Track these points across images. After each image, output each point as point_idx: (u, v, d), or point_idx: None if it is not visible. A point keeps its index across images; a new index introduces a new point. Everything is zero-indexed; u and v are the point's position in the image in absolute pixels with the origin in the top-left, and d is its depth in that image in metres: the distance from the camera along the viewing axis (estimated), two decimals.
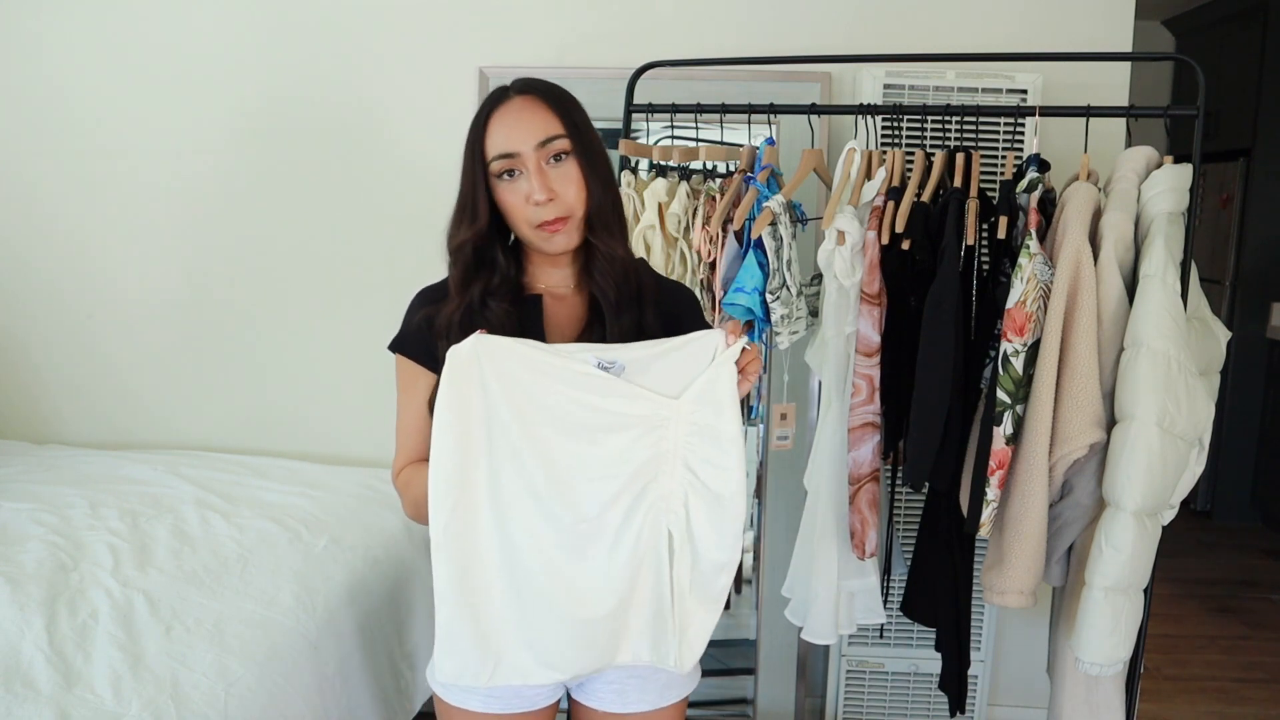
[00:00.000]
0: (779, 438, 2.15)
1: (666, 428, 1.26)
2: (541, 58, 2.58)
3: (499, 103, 1.33)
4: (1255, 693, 3.05)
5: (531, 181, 1.30)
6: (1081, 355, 1.80)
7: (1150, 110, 1.95)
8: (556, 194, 1.31)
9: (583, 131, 1.34)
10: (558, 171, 1.31)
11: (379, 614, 2.00)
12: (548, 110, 1.32)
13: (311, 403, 2.79)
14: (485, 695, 1.40)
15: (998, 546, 1.90)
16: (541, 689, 1.42)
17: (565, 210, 1.32)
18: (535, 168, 1.30)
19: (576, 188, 1.32)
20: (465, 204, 1.34)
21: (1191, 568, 4.07)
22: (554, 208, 1.31)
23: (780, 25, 2.55)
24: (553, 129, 1.31)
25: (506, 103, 1.33)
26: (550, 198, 1.30)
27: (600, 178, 1.35)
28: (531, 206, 1.31)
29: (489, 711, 1.40)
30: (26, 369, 2.88)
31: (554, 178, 1.31)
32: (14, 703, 1.43)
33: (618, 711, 1.45)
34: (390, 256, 2.69)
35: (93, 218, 2.79)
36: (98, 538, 2.01)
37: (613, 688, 1.44)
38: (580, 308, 1.41)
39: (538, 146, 1.30)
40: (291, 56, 2.67)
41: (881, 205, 1.92)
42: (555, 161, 1.31)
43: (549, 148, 1.31)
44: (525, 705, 1.41)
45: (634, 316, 1.37)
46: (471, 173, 1.33)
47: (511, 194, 1.32)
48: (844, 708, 2.57)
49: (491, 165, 1.31)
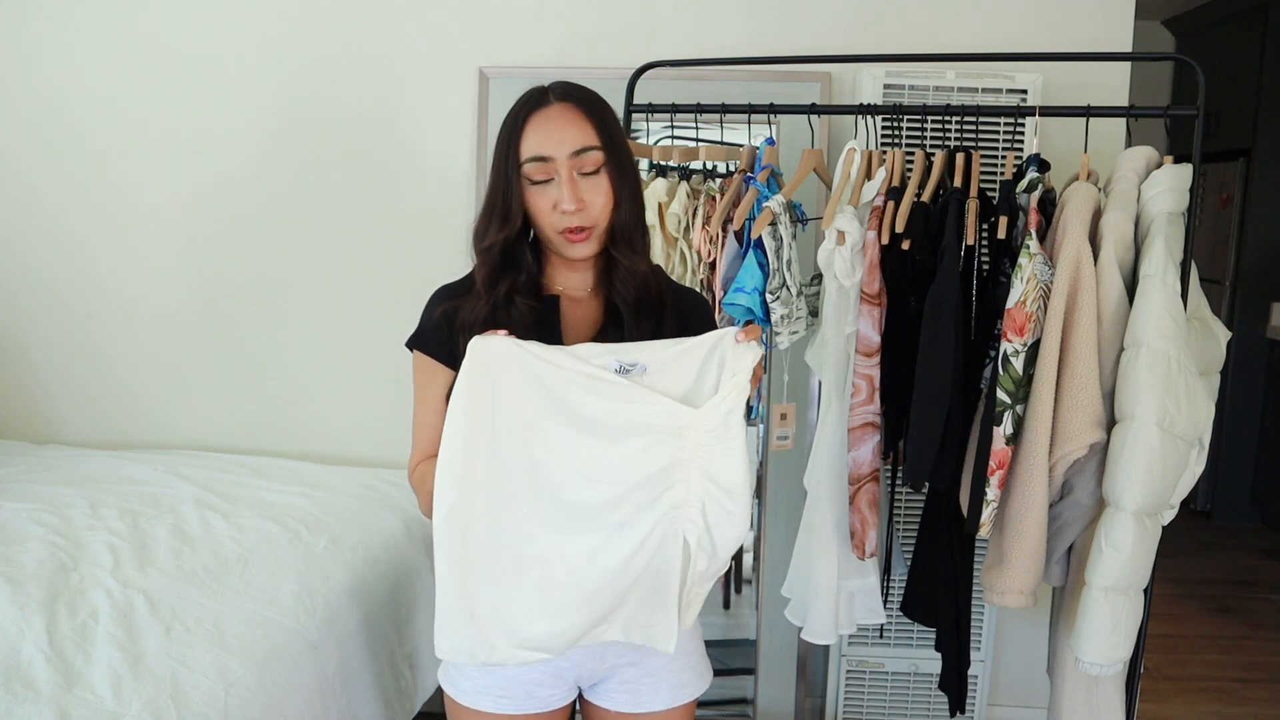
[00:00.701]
0: (779, 438, 2.15)
1: (685, 436, 1.27)
2: (541, 58, 2.58)
3: (539, 106, 1.33)
4: (1255, 693, 3.05)
5: (562, 190, 1.30)
6: (1081, 355, 1.80)
7: (1150, 110, 1.95)
8: (585, 204, 1.31)
9: (616, 144, 1.34)
10: (589, 182, 1.32)
11: (379, 614, 2.00)
12: (585, 120, 1.32)
13: (311, 403, 2.79)
14: (498, 696, 1.40)
15: (998, 546, 1.90)
16: (554, 690, 1.42)
17: (590, 220, 1.33)
18: (567, 176, 1.30)
19: (605, 199, 1.33)
20: (495, 204, 1.34)
21: (1191, 568, 4.07)
22: (580, 217, 1.32)
23: (780, 25, 2.55)
24: (589, 140, 1.31)
25: (546, 107, 1.33)
26: (579, 208, 1.31)
27: (629, 190, 1.35)
28: (558, 214, 1.31)
29: (501, 712, 1.39)
30: (27, 369, 2.88)
31: (584, 188, 1.31)
32: (14, 703, 1.42)
33: (630, 711, 1.45)
34: (390, 256, 2.69)
35: (93, 219, 2.79)
36: (98, 538, 2.01)
37: (626, 688, 1.44)
38: (597, 310, 1.41)
39: (572, 155, 1.30)
40: (291, 57, 2.67)
41: (881, 205, 1.92)
42: (588, 173, 1.32)
43: (583, 159, 1.31)
44: (539, 706, 1.41)
45: (653, 325, 1.38)
46: (504, 172, 1.33)
47: (540, 198, 1.32)
48: (844, 708, 2.57)
49: (524, 167, 1.31)
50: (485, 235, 1.35)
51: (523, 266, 1.37)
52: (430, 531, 1.27)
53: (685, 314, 1.43)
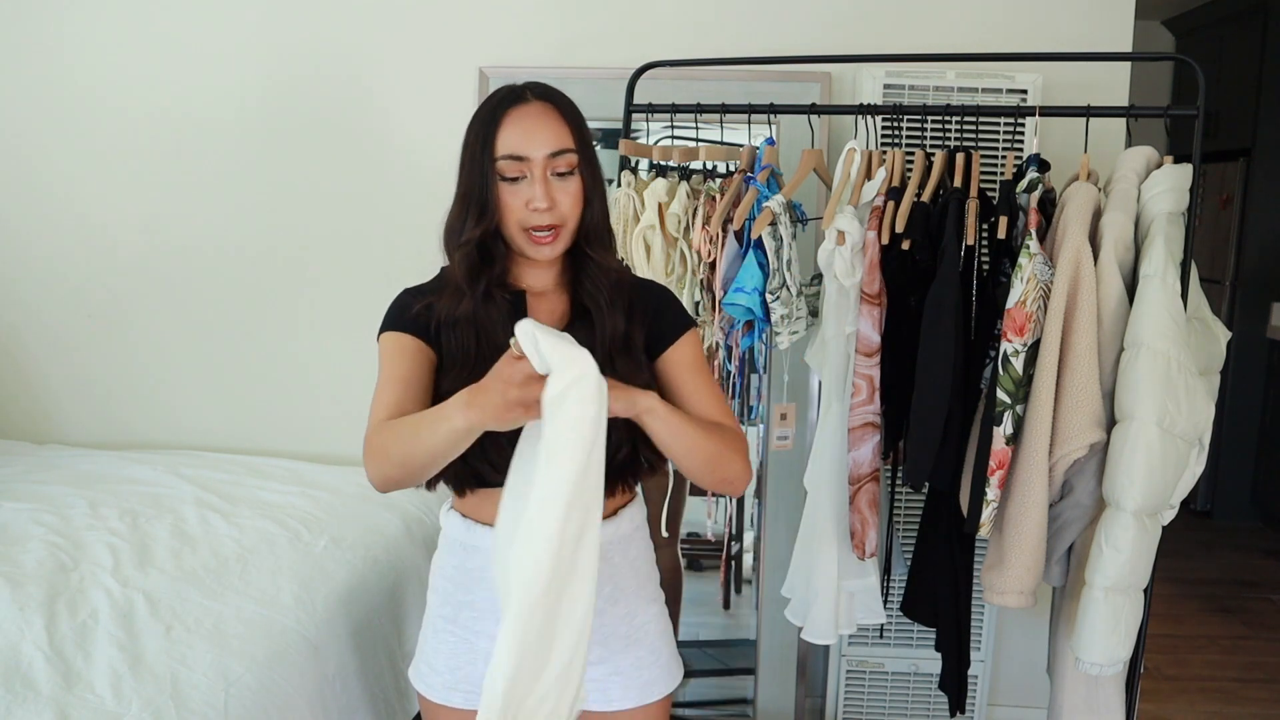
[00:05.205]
0: (779, 438, 2.15)
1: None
2: (541, 58, 2.58)
3: (515, 103, 1.33)
4: (1255, 693, 3.05)
5: (535, 189, 1.31)
6: (1081, 355, 1.80)
7: (1150, 110, 1.95)
8: (556, 203, 1.32)
9: (588, 147, 1.36)
10: (560, 183, 1.33)
11: (379, 614, 2.00)
12: (562, 122, 1.33)
13: (311, 403, 2.79)
14: (466, 692, 1.42)
15: (998, 546, 1.90)
16: None
17: (559, 220, 1.33)
18: (541, 176, 1.31)
19: (574, 201, 1.34)
20: (470, 199, 1.34)
21: (1191, 568, 4.07)
22: (550, 215, 1.32)
23: (780, 25, 2.55)
24: (565, 142, 1.32)
25: (524, 105, 1.33)
26: (550, 206, 1.31)
27: (598, 192, 1.37)
28: (529, 211, 1.32)
29: (470, 708, 1.41)
30: (27, 369, 2.88)
31: (556, 188, 1.32)
32: (14, 703, 1.42)
33: (601, 710, 1.45)
34: (390, 256, 2.69)
35: (94, 219, 2.79)
36: (98, 538, 2.01)
37: (594, 686, 1.44)
38: (562, 305, 1.42)
39: (549, 156, 1.31)
40: (292, 57, 2.67)
41: (881, 205, 1.92)
42: (560, 174, 1.32)
43: (558, 160, 1.32)
44: None
45: (623, 321, 1.39)
46: (480, 168, 1.33)
47: (511, 196, 1.33)
48: (844, 708, 2.57)
49: (498, 163, 1.31)
50: (462, 231, 1.35)
51: (498, 261, 1.37)
52: (430, 532, 1.26)
53: (656, 307, 1.44)
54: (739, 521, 2.62)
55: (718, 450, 1.32)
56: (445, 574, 1.47)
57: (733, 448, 1.35)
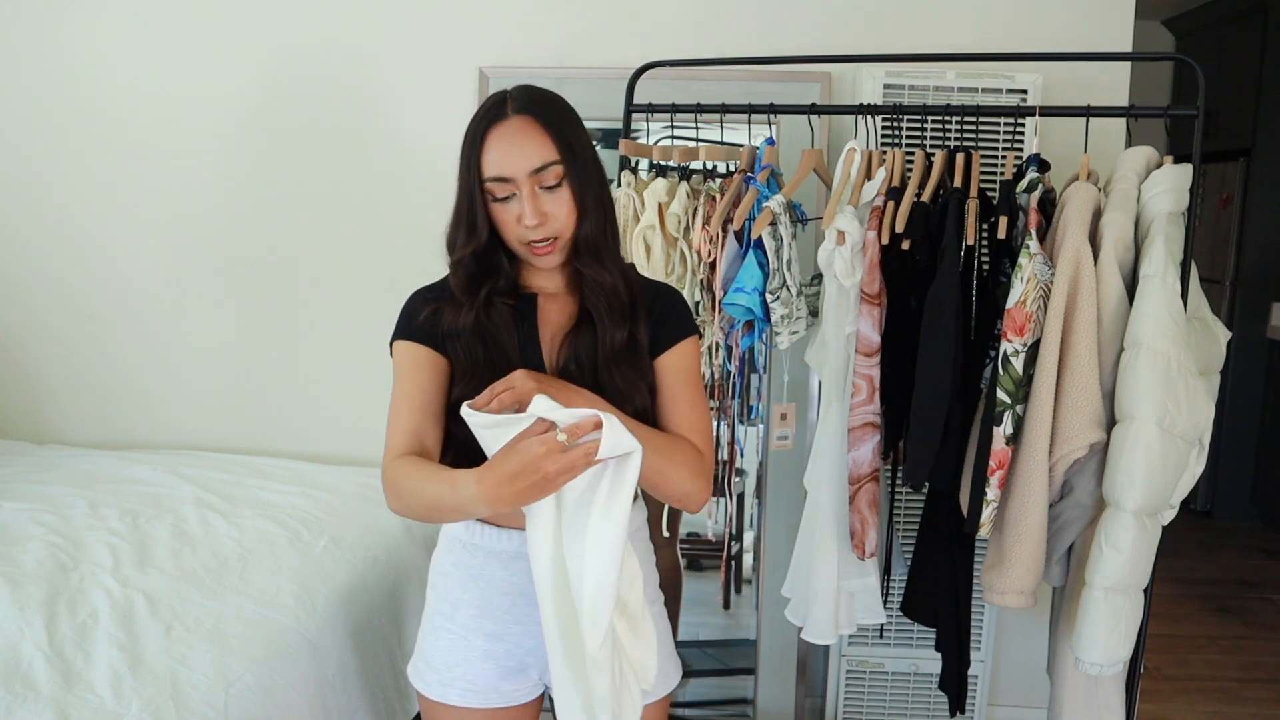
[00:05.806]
0: (779, 438, 2.15)
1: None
2: (541, 58, 2.58)
3: (496, 120, 1.32)
4: (1255, 693, 3.05)
5: (524, 206, 1.31)
6: (1081, 355, 1.80)
7: (1150, 110, 1.95)
8: (548, 217, 1.32)
9: (577, 152, 1.34)
10: (551, 195, 1.32)
11: (379, 614, 2.00)
12: (544, 133, 1.31)
13: (311, 403, 2.79)
14: (464, 689, 1.43)
15: (998, 546, 1.90)
16: (518, 686, 1.45)
17: (555, 232, 1.33)
18: (529, 193, 1.31)
19: (567, 211, 1.33)
20: (463, 216, 1.35)
21: (1191, 568, 4.07)
22: (544, 229, 1.32)
23: (780, 25, 2.55)
24: (547, 155, 1.31)
25: (504, 122, 1.32)
26: (541, 222, 1.32)
27: (593, 197, 1.35)
28: (523, 228, 1.32)
29: (467, 705, 1.43)
30: (27, 369, 2.88)
31: (546, 201, 1.32)
32: (14, 703, 1.42)
33: None
34: (390, 256, 2.69)
35: (94, 220, 2.78)
36: (98, 538, 2.01)
37: None
38: (572, 306, 1.43)
39: (531, 173, 1.31)
40: (292, 58, 2.67)
41: (881, 205, 1.92)
42: (549, 186, 1.32)
43: (543, 175, 1.31)
44: (504, 701, 1.44)
45: (626, 329, 1.39)
46: (469, 187, 1.33)
47: (504, 213, 1.33)
48: (844, 708, 2.57)
49: (486, 185, 1.32)
50: (455, 247, 1.37)
51: (500, 271, 1.38)
52: (430, 531, 1.27)
53: (663, 311, 1.44)
54: (739, 521, 2.62)
55: (665, 466, 1.33)
56: (444, 571, 1.48)
57: (686, 465, 1.36)
